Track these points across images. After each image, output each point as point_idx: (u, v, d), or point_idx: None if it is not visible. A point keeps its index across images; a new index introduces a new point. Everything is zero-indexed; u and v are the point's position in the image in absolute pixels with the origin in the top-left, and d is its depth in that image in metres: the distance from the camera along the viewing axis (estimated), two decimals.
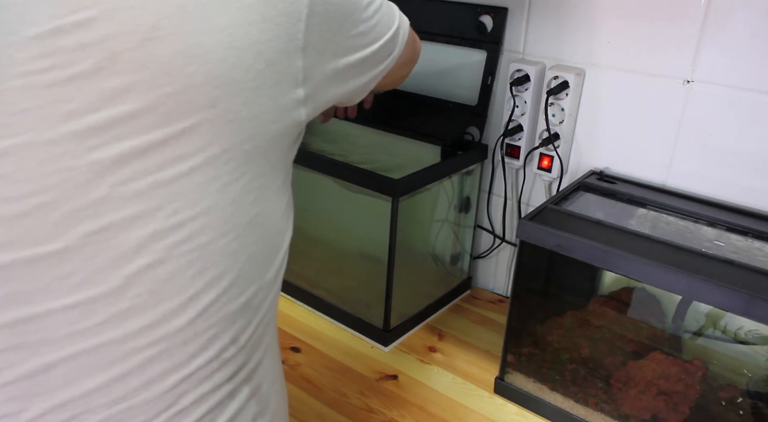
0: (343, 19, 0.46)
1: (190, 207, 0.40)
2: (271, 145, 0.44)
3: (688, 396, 0.75)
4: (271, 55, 0.41)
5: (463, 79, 1.01)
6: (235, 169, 0.42)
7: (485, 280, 1.13)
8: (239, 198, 0.43)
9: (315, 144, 1.12)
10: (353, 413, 0.83)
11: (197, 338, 0.43)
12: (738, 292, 0.62)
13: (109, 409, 0.41)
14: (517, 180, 1.03)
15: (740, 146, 0.80)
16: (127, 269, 0.39)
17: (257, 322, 0.48)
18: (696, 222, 0.79)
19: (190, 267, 0.41)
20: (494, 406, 0.85)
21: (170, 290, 0.41)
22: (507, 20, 0.95)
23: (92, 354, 0.40)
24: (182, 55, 0.37)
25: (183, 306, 0.41)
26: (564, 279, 0.89)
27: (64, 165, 0.37)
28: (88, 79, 0.36)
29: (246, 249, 0.44)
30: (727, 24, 0.77)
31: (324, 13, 0.44)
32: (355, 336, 0.99)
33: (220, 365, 0.45)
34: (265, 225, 0.46)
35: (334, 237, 1.06)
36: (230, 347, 0.45)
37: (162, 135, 0.38)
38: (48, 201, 0.37)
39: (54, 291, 0.38)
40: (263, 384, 0.51)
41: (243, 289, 0.45)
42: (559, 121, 0.92)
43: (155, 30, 0.37)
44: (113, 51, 0.36)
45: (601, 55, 0.88)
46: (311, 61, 0.44)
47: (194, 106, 0.38)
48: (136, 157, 0.38)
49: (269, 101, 0.42)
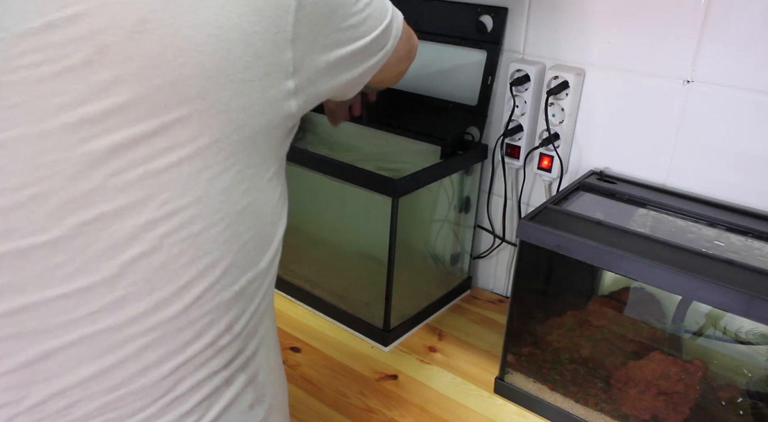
0: (333, 12, 0.46)
1: (180, 196, 0.41)
2: (261, 136, 0.44)
3: (688, 396, 0.75)
4: (260, 47, 0.41)
5: (463, 79, 1.01)
6: (225, 159, 0.42)
7: (485, 280, 1.13)
8: (230, 187, 0.43)
9: (315, 144, 1.12)
10: (353, 413, 0.83)
11: (192, 325, 0.43)
12: (738, 292, 0.62)
13: (107, 395, 0.42)
14: (517, 180, 1.03)
15: (740, 146, 0.80)
16: (121, 258, 0.40)
17: (252, 310, 0.48)
18: (696, 222, 0.79)
19: (183, 255, 0.42)
20: (494, 406, 0.85)
21: (163, 278, 0.41)
22: (507, 20, 0.95)
23: (88, 342, 0.41)
24: (171, 48, 0.38)
25: (177, 294, 0.42)
26: (564, 279, 0.89)
27: (57, 157, 0.37)
28: (79, 73, 0.36)
29: (239, 237, 0.45)
30: (727, 24, 0.77)
31: (313, 5, 0.44)
32: (355, 336, 0.99)
33: (215, 352, 0.46)
34: (257, 214, 0.46)
35: (334, 237, 1.06)
36: (225, 334, 0.46)
37: (152, 126, 0.38)
38: (41, 192, 0.38)
39: (48, 280, 0.39)
40: (260, 373, 0.51)
41: (236, 277, 0.45)
42: (559, 121, 0.92)
43: (144, 23, 0.37)
44: (102, 44, 0.36)
45: (601, 55, 0.88)
46: (301, 54, 0.44)
47: (184, 98, 0.39)
48: (128, 147, 0.38)
49: (259, 93, 0.42)
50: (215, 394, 0.47)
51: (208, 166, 0.41)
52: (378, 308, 0.95)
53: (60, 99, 0.37)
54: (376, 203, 0.90)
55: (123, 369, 0.42)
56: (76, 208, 0.38)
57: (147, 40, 0.37)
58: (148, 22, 0.37)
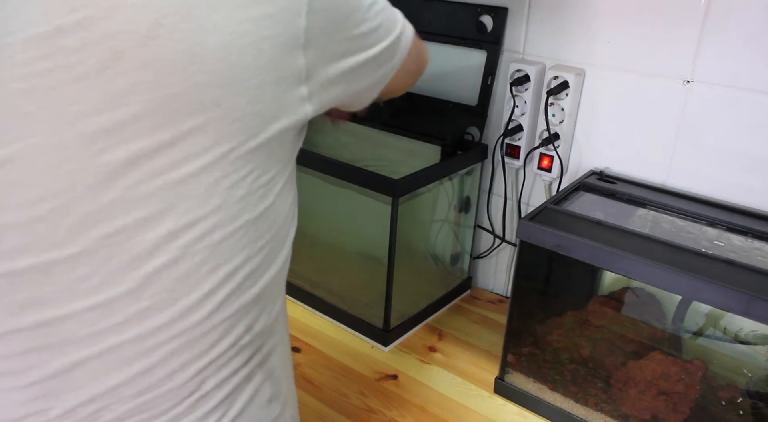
0: (345, 18, 0.46)
1: (200, 206, 0.40)
2: (276, 141, 0.44)
3: (688, 396, 0.75)
4: (271, 53, 0.41)
5: (463, 79, 1.01)
6: (242, 167, 0.42)
7: (485, 280, 1.13)
8: (248, 195, 0.43)
9: (315, 144, 1.12)
10: (353, 413, 0.83)
11: (215, 329, 0.44)
12: (738, 292, 0.62)
13: (135, 400, 0.43)
14: (517, 180, 1.03)
15: (740, 146, 0.80)
16: (144, 269, 0.40)
17: (270, 309, 0.49)
18: (696, 222, 0.79)
19: (205, 264, 0.42)
20: (494, 406, 0.85)
21: (186, 287, 0.42)
22: (507, 20, 0.95)
23: (115, 352, 0.41)
24: (185, 54, 0.37)
25: (200, 301, 0.42)
26: (564, 279, 0.89)
27: (75, 167, 0.37)
28: (93, 80, 0.36)
29: (257, 242, 0.45)
30: (727, 24, 0.77)
31: (324, 10, 0.44)
32: (355, 336, 0.99)
33: (237, 351, 0.46)
34: (273, 217, 0.46)
35: (334, 237, 1.06)
36: (246, 334, 0.47)
37: (169, 135, 0.38)
38: (60, 205, 0.37)
39: (73, 293, 0.39)
40: (276, 369, 0.52)
41: (255, 280, 0.46)
42: (559, 121, 0.92)
43: (158, 28, 0.36)
44: (115, 50, 0.36)
45: (601, 55, 0.88)
46: (313, 60, 0.44)
47: (199, 106, 0.38)
48: (146, 158, 0.38)
49: (272, 99, 0.42)
50: (237, 390, 0.48)
51: (226, 174, 0.41)
52: (378, 308, 0.95)
53: (76, 108, 0.36)
54: (376, 203, 0.90)
55: (151, 374, 0.42)
56: (97, 221, 0.38)
57: (162, 46, 0.36)
58: (162, 27, 0.36)
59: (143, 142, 0.37)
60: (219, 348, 0.45)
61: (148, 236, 0.39)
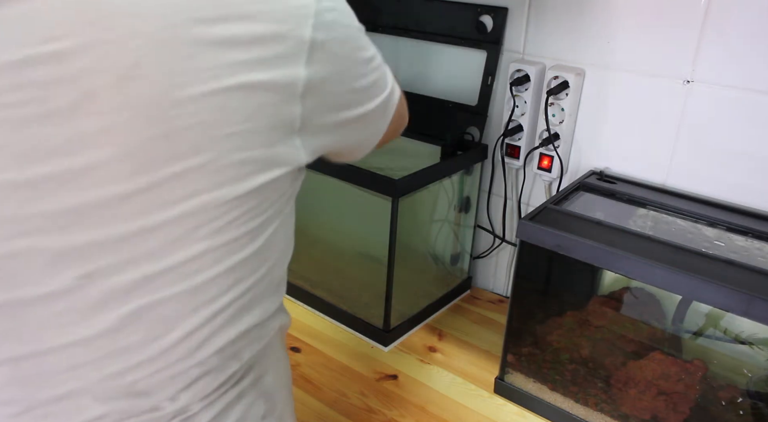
0: (346, 70, 0.44)
1: (180, 249, 0.38)
2: (270, 188, 0.42)
3: (688, 396, 0.75)
4: (263, 99, 0.38)
5: (463, 79, 1.01)
6: (227, 213, 0.39)
7: (485, 280, 1.13)
8: (234, 240, 0.41)
9: None
10: (353, 413, 0.83)
11: (201, 365, 0.43)
12: (738, 292, 0.62)
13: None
14: (517, 180, 1.03)
15: (740, 146, 0.80)
16: (120, 310, 0.39)
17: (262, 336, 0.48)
18: (696, 222, 0.79)
19: (185, 306, 0.41)
20: (494, 406, 0.85)
21: (165, 328, 0.40)
22: (507, 20, 0.95)
23: (95, 388, 0.41)
24: (164, 98, 0.35)
25: (180, 341, 0.41)
26: (564, 279, 0.89)
27: (47, 208, 0.35)
28: (66, 118, 0.34)
29: (245, 281, 0.43)
30: (727, 24, 0.77)
31: (327, 62, 0.41)
32: (355, 336, 0.99)
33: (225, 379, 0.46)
34: (264, 257, 0.44)
35: (334, 237, 1.06)
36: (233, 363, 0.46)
37: (145, 182, 0.36)
38: (35, 243, 0.36)
39: (50, 330, 0.38)
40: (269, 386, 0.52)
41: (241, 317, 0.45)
42: (559, 121, 0.92)
43: (135, 68, 0.34)
44: (88, 88, 0.34)
45: (601, 55, 0.88)
46: (310, 109, 0.42)
47: (176, 154, 0.36)
48: (120, 202, 0.36)
49: (262, 146, 0.39)
50: (227, 409, 0.47)
51: (209, 220, 0.39)
52: (378, 308, 0.95)
53: (46, 145, 0.34)
54: (376, 203, 0.90)
55: (133, 406, 0.42)
56: (73, 260, 0.37)
57: (138, 88, 0.34)
58: (139, 67, 0.34)
59: (117, 187, 0.35)
60: (206, 380, 0.44)
61: (123, 279, 0.38)
